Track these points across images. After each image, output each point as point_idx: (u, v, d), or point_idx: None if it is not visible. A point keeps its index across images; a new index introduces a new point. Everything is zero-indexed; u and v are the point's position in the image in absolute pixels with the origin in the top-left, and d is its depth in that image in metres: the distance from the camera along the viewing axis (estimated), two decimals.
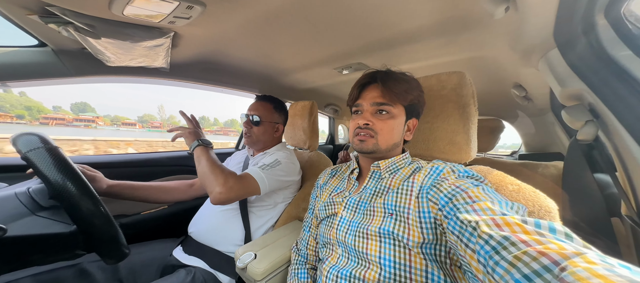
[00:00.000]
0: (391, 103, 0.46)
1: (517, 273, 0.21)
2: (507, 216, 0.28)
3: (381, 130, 0.46)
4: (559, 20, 0.51)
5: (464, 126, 0.50)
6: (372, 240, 0.42)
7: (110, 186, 0.69)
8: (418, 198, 0.41)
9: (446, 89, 0.53)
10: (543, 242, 0.22)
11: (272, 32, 0.69)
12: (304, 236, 0.61)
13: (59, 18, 0.51)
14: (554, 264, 0.20)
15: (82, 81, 0.79)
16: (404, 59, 0.90)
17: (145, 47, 0.65)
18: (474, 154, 0.51)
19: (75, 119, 58.28)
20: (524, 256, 0.22)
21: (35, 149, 0.41)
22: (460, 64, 0.89)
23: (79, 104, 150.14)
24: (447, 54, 0.83)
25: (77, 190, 0.41)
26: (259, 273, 0.55)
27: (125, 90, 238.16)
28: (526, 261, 0.21)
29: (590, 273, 0.17)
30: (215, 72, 1.01)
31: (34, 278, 0.50)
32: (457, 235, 0.31)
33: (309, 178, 0.91)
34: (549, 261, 0.20)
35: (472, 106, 0.51)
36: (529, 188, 0.43)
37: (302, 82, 1.26)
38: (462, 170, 0.43)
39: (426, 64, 0.92)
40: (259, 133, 0.83)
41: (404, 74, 0.49)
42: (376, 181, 0.49)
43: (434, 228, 0.38)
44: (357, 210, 0.47)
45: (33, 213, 0.41)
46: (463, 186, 0.37)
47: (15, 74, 0.65)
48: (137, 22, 0.56)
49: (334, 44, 0.79)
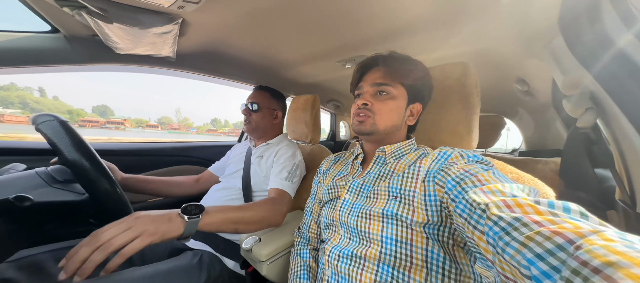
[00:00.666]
0: (391, 84, 0.46)
1: (529, 253, 0.20)
2: (518, 197, 0.27)
3: (379, 110, 0.46)
4: (564, 6, 0.52)
5: (466, 116, 0.51)
6: (375, 220, 0.43)
7: (125, 179, 0.72)
8: (425, 181, 0.41)
9: (450, 80, 0.53)
10: (557, 222, 0.21)
11: (276, 22, 0.70)
12: (306, 220, 0.62)
13: (73, 1, 0.52)
14: (569, 243, 0.19)
15: (91, 68, 0.81)
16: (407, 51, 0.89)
17: (154, 34, 0.67)
18: (474, 143, 0.52)
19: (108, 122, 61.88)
20: (536, 236, 0.21)
21: (47, 122, 0.45)
22: (463, 57, 0.89)
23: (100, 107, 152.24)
24: (451, 47, 0.84)
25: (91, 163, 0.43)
26: (264, 255, 0.57)
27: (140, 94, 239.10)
28: (539, 241, 0.20)
29: (607, 250, 0.16)
30: (220, 63, 1.02)
31: (52, 254, 0.52)
32: (466, 217, 0.30)
33: (310, 170, 0.92)
34: (563, 240, 0.19)
35: (475, 96, 0.51)
36: (527, 176, 0.44)
37: (304, 76, 1.27)
38: (472, 155, 0.42)
39: (431, 57, 0.92)
40: (257, 119, 0.84)
41: (407, 56, 0.49)
42: (380, 166, 0.49)
43: (439, 211, 0.38)
44: (361, 193, 0.48)
45: (50, 185, 0.44)
46: (472, 171, 0.36)
47: (27, 59, 0.67)
48: (148, 7, 0.57)
49: (336, 36, 0.80)
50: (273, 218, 0.62)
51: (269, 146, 0.85)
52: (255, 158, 0.82)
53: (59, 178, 0.46)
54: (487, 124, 1.31)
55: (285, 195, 0.69)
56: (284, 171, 0.73)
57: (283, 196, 0.68)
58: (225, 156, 0.97)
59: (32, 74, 0.74)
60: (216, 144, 1.33)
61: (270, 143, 0.86)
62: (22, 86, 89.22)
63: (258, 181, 0.78)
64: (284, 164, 0.75)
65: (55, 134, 0.44)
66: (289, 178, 0.72)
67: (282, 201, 0.67)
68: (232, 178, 0.82)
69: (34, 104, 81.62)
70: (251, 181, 0.78)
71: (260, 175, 0.78)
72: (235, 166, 0.85)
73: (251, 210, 0.58)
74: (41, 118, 0.46)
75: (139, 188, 0.76)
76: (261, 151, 0.84)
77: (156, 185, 0.80)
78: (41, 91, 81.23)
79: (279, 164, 0.76)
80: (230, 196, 0.77)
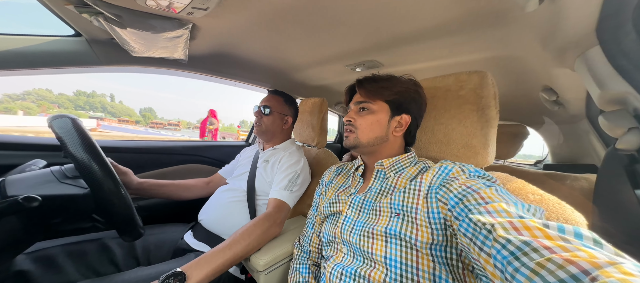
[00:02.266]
0: (370, 100, 0.50)
1: (541, 282, 0.19)
2: (525, 219, 0.26)
3: (360, 125, 0.50)
4: (604, 13, 0.45)
5: (482, 129, 0.47)
6: (378, 240, 0.41)
7: (140, 183, 0.74)
8: (427, 198, 0.40)
9: (465, 90, 0.50)
10: (569, 249, 0.20)
11: (286, 26, 0.69)
12: (307, 233, 0.61)
13: (91, 8, 0.55)
14: (584, 274, 0.18)
15: (110, 70, 0.85)
16: (420, 56, 0.86)
17: (165, 38, 0.68)
18: (491, 159, 0.48)
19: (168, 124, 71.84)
20: (548, 263, 0.20)
21: (58, 119, 0.48)
22: (481, 63, 0.83)
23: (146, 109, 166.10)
24: (468, 53, 0.78)
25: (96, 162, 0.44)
26: (261, 264, 0.56)
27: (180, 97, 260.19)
28: (551, 269, 0.19)
29: None
30: (230, 65, 1.04)
31: (63, 248, 0.56)
32: (470, 237, 0.29)
33: (315, 175, 0.90)
34: (577, 270, 0.18)
35: (493, 108, 0.47)
36: (553, 199, 0.39)
37: (313, 79, 1.26)
38: (473, 170, 0.41)
39: (444, 63, 0.87)
40: (268, 122, 0.85)
41: (389, 75, 0.52)
42: (381, 180, 0.49)
43: (443, 229, 0.37)
44: (362, 210, 0.47)
45: (59, 181, 0.47)
46: (474, 187, 0.35)
47: (53, 62, 0.72)
48: (159, 13, 0.58)
49: (347, 41, 0.78)
50: (269, 236, 0.62)
51: (276, 151, 0.85)
52: (262, 163, 0.82)
53: (70, 174, 0.48)
54: (508, 134, 1.21)
55: (284, 206, 0.68)
56: (284, 179, 0.73)
57: (281, 208, 0.67)
58: (235, 160, 0.98)
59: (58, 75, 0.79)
60: (226, 144, 1.36)
61: (277, 148, 0.86)
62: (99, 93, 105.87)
63: (262, 185, 0.78)
64: (286, 172, 0.74)
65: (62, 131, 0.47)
66: (288, 187, 0.71)
67: (280, 212, 0.66)
68: (239, 179, 0.83)
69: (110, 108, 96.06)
70: (256, 185, 0.78)
71: (265, 180, 0.78)
72: (243, 168, 0.86)
73: (245, 240, 0.55)
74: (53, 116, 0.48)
75: (153, 192, 0.78)
76: (268, 155, 0.84)
77: (169, 189, 0.82)
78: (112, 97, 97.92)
79: (282, 171, 0.75)
80: (234, 197, 0.78)
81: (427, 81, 0.57)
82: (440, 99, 0.54)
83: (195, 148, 1.20)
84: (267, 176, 0.79)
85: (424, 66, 0.95)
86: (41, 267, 0.50)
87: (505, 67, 0.83)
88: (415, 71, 1.00)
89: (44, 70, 0.73)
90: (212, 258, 0.49)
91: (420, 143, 0.58)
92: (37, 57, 0.68)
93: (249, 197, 0.76)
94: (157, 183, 0.79)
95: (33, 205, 0.39)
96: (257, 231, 0.58)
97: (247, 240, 0.55)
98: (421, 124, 0.56)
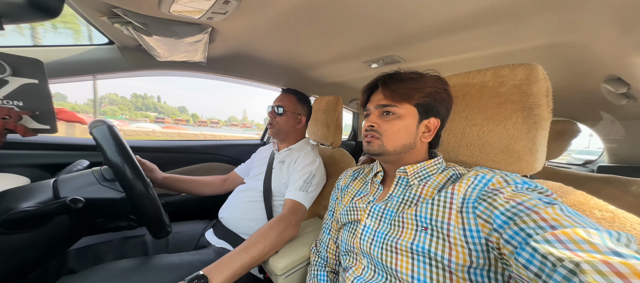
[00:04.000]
0: (395, 103, 0.44)
1: None
2: (626, 258, 0.19)
3: (386, 131, 0.44)
4: None
5: (529, 132, 0.40)
6: (403, 255, 0.38)
7: (164, 178, 0.81)
8: (461, 212, 0.35)
9: (506, 86, 0.43)
10: None
11: (301, 25, 0.67)
12: (324, 238, 0.59)
13: (121, 18, 0.58)
14: None
15: (138, 74, 0.91)
16: (448, 49, 0.77)
17: (187, 43, 0.71)
18: (539, 166, 0.41)
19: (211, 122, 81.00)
20: None
21: (96, 126, 0.51)
22: (525, 54, 0.71)
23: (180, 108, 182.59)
24: (509, 42, 0.67)
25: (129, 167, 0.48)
26: (279, 268, 0.56)
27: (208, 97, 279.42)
28: None
29: None
30: (245, 65, 1.05)
31: (106, 245, 0.63)
32: (536, 272, 0.24)
33: (330, 175, 0.88)
34: None
35: (545, 107, 0.40)
36: (630, 217, 0.31)
37: (328, 76, 1.23)
38: (520, 181, 0.34)
39: (479, 55, 0.77)
40: (281, 122, 0.84)
41: (415, 72, 0.45)
42: (403, 188, 0.45)
43: (485, 252, 0.32)
44: (383, 219, 0.43)
45: (99, 183, 0.51)
46: (528, 203, 0.29)
47: (92, 69, 0.78)
48: (181, 19, 0.60)
49: (364, 37, 0.73)
50: (285, 238, 0.61)
51: (291, 152, 0.84)
52: (277, 163, 0.83)
53: (108, 177, 0.53)
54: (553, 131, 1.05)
55: (300, 207, 0.68)
56: (300, 180, 0.72)
57: (297, 209, 0.67)
58: (250, 159, 1.00)
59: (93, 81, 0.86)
60: (241, 144, 1.40)
61: (292, 148, 0.86)
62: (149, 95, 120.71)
63: (279, 186, 0.79)
64: (301, 172, 0.74)
65: (101, 137, 0.51)
66: (304, 188, 0.71)
67: (295, 214, 0.66)
68: (255, 180, 0.85)
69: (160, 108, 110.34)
70: (272, 186, 0.79)
71: (281, 181, 0.79)
72: (259, 169, 0.88)
73: (261, 243, 0.55)
74: (94, 123, 0.53)
75: (175, 187, 0.85)
76: (283, 156, 0.84)
77: (189, 185, 0.88)
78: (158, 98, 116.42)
79: (297, 172, 0.74)
80: (252, 197, 0.80)
81: (458, 77, 0.50)
82: (474, 98, 0.47)
83: (212, 147, 1.26)
84: (283, 177, 0.79)
85: (451, 60, 0.85)
86: (87, 261, 0.57)
87: (558, 56, 0.69)
88: (441, 66, 0.90)
89: (84, 77, 0.81)
90: (231, 261, 0.50)
91: (448, 145, 0.52)
92: (78, 65, 0.76)
93: (266, 198, 0.78)
94: (178, 178, 0.85)
95: (78, 206, 0.44)
96: (273, 234, 0.58)
97: (263, 243, 0.55)
98: (449, 125, 0.50)
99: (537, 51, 0.68)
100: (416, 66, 0.99)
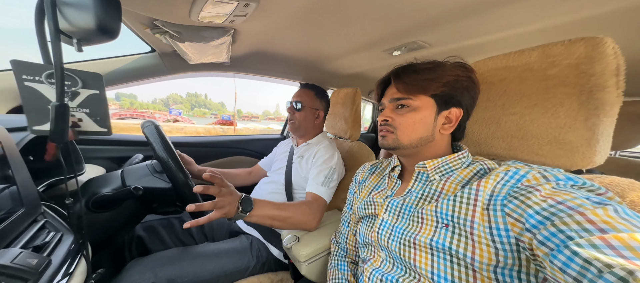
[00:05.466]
0: (410, 96, 0.42)
1: None
2: None
3: (400, 125, 0.43)
4: None
5: (587, 120, 0.34)
6: (422, 251, 0.37)
7: (200, 170, 0.92)
8: (488, 209, 0.32)
9: (558, 67, 0.37)
10: None
11: (318, 18, 0.66)
12: (343, 230, 0.60)
13: (160, 29, 0.67)
14: None
15: (174, 77, 1.03)
16: (480, 29, 0.68)
17: (213, 46, 0.77)
18: (599, 160, 0.35)
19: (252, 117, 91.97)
20: None
21: (147, 126, 0.62)
22: (585, 25, 0.58)
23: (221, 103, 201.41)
24: (563, 12, 0.55)
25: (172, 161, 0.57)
26: (303, 255, 0.61)
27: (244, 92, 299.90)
28: None
29: None
30: (265, 62, 1.10)
31: (159, 221, 0.77)
32: (575, 277, 0.22)
33: (348, 168, 0.89)
34: None
35: (612, 88, 0.33)
36: None
37: (346, 68, 1.21)
38: (563, 177, 0.30)
39: (522, 32, 0.66)
40: (300, 118, 0.87)
41: (432, 62, 0.43)
42: (423, 183, 0.43)
43: (515, 252, 0.30)
44: (401, 215, 0.42)
45: (152, 174, 0.62)
46: (571, 203, 0.26)
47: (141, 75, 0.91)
48: (208, 25, 0.66)
49: (384, 23, 0.69)
50: (307, 224, 0.66)
51: (309, 146, 0.87)
52: (297, 158, 0.87)
53: (158, 169, 0.64)
54: (627, 115, 0.83)
55: (321, 200, 0.71)
56: (320, 175, 0.74)
57: (318, 202, 0.70)
58: (272, 153, 1.07)
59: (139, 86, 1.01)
60: (265, 138, 1.49)
61: (310, 143, 0.88)
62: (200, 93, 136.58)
63: (298, 180, 0.83)
64: (320, 168, 0.76)
65: (150, 134, 0.61)
66: (325, 183, 0.73)
67: (318, 207, 0.69)
68: (277, 173, 0.91)
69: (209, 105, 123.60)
70: (292, 180, 0.84)
71: (300, 175, 0.83)
72: (280, 163, 0.93)
73: (289, 211, 0.63)
74: (145, 123, 0.63)
75: None
76: (302, 151, 0.88)
77: None
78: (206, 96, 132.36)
79: (317, 167, 0.77)
80: (275, 189, 0.86)
81: (494, 61, 0.45)
82: (513, 82, 0.42)
83: (238, 142, 1.36)
84: (302, 172, 0.83)
85: (485, 41, 0.75)
86: (148, 234, 0.72)
87: (633, 22, 0.56)
88: (472, 49, 0.81)
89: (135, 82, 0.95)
90: (266, 206, 0.60)
91: (479, 137, 0.47)
92: (130, 73, 0.89)
93: (287, 190, 0.83)
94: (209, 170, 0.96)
95: (139, 193, 0.55)
96: (301, 210, 0.65)
97: (292, 212, 0.63)
98: (481, 115, 0.46)
99: (605, 19, 0.55)
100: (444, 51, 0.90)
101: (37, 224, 0.39)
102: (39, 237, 0.37)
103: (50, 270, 0.33)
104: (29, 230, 0.37)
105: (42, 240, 0.37)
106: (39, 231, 0.38)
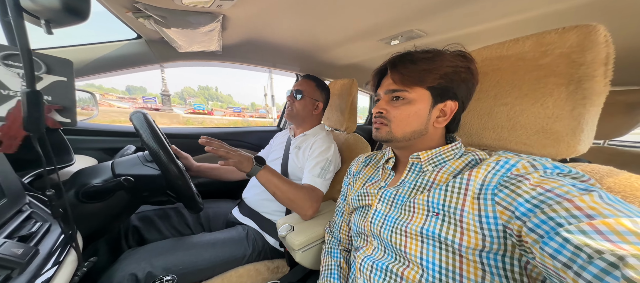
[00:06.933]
0: (405, 88, 0.41)
1: None
2: None
3: (394, 117, 0.43)
4: None
5: (574, 109, 0.35)
6: (412, 239, 0.38)
7: (198, 166, 0.91)
8: (478, 199, 0.33)
9: (551, 56, 0.36)
10: None
11: (312, 6, 0.63)
12: (337, 220, 0.62)
13: (143, 13, 0.62)
14: None
15: (164, 66, 0.99)
16: (478, 17, 0.66)
17: (201, 32, 0.73)
18: (582, 148, 0.36)
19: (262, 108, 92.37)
20: None
21: (135, 114, 0.60)
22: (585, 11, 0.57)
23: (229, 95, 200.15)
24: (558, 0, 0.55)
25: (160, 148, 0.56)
26: (297, 244, 0.62)
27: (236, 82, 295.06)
28: None
29: None
30: (260, 51, 1.05)
31: (154, 212, 0.77)
32: (566, 263, 0.22)
33: (344, 160, 0.89)
34: None
35: (600, 78, 0.33)
36: None
37: (342, 58, 1.17)
38: (550, 166, 0.31)
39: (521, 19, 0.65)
40: (299, 106, 0.86)
41: (431, 50, 0.41)
42: (416, 174, 0.43)
43: (501, 238, 0.31)
44: (394, 205, 0.43)
45: (142, 164, 0.62)
46: (559, 190, 0.26)
47: (125, 63, 0.87)
48: (193, 9, 0.62)
49: (380, 11, 0.67)
50: (303, 209, 0.67)
51: (306, 137, 0.87)
52: (294, 149, 0.86)
53: (149, 159, 0.64)
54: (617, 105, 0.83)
55: (318, 191, 0.71)
56: (317, 167, 0.74)
57: (315, 193, 0.71)
58: (269, 144, 1.06)
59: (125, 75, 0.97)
60: (260, 130, 1.47)
61: (307, 134, 0.88)
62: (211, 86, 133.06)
63: (295, 170, 0.83)
64: (317, 159, 0.76)
65: (138, 123, 0.59)
66: (321, 175, 0.73)
67: (315, 196, 0.70)
68: (274, 164, 0.90)
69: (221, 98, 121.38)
70: (288, 170, 0.84)
71: (297, 165, 0.83)
72: (276, 154, 0.93)
73: (291, 188, 0.66)
74: (133, 112, 0.61)
75: (207, 174, 0.93)
76: (299, 141, 0.87)
77: (219, 172, 0.95)
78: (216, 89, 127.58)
79: (313, 158, 0.77)
80: None
81: (488, 50, 0.44)
82: (506, 73, 0.41)
83: (234, 134, 1.34)
84: (299, 162, 0.83)
85: (483, 29, 0.73)
86: (145, 224, 0.72)
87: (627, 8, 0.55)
88: (470, 37, 0.79)
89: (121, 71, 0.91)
90: (272, 176, 0.65)
91: (471, 128, 0.47)
92: (113, 61, 0.84)
93: None
94: (209, 166, 0.95)
95: (129, 184, 0.54)
96: (301, 193, 0.67)
97: (294, 191, 0.66)
98: (474, 106, 0.45)
99: (599, 5, 0.55)
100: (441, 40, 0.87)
101: (23, 214, 0.38)
102: (25, 227, 0.37)
103: (38, 260, 0.33)
104: (13, 221, 0.36)
105: (28, 230, 0.36)
106: (24, 222, 0.37)
